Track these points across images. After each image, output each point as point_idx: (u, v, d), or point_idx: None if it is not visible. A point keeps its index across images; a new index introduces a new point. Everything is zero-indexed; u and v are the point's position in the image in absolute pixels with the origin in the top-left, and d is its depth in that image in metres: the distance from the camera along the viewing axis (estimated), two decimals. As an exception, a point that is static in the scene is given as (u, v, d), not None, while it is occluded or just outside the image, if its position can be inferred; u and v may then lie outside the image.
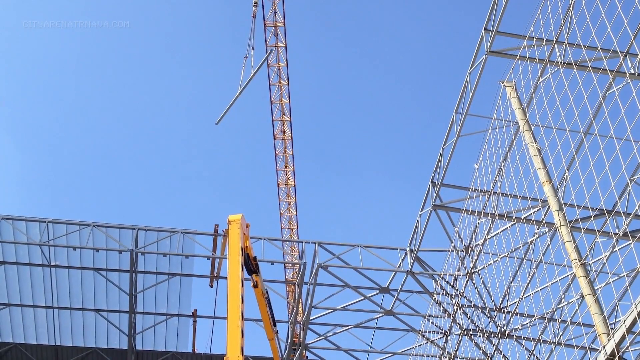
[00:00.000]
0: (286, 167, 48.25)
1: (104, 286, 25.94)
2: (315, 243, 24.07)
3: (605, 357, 6.86)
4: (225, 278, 20.42)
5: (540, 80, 16.09)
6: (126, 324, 25.82)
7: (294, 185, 48.52)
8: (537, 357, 22.50)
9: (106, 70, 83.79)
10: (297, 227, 49.01)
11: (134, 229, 24.12)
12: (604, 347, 6.98)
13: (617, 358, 6.59)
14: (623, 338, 6.60)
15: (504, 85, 10.04)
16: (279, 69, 43.26)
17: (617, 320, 7.13)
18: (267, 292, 21.34)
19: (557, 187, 8.66)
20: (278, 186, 48.61)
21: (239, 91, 40.38)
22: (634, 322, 6.54)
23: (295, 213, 48.79)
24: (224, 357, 15.27)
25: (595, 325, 7.11)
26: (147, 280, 25.48)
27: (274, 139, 47.00)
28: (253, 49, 40.49)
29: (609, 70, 15.47)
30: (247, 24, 41.05)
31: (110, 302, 26.33)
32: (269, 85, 43.90)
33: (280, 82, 43.63)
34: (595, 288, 8.33)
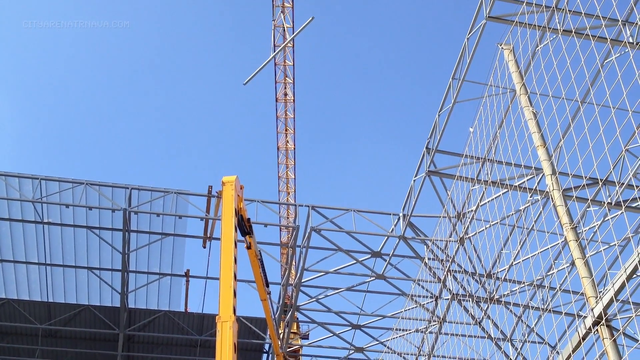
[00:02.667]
0: (286, 130, 48.18)
1: (97, 244, 26.01)
2: (309, 206, 24.12)
3: (593, 319, 6.94)
4: (218, 239, 20.50)
5: (538, 47, 15.98)
6: (119, 282, 25.97)
7: (294, 148, 48.54)
8: (525, 323, 22.81)
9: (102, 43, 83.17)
10: (295, 191, 49.18)
11: (127, 188, 24.08)
12: (591, 309, 7.05)
13: (604, 321, 6.68)
14: (611, 302, 6.67)
15: (502, 48, 9.97)
16: (284, 30, 42.99)
17: (606, 288, 7.24)
18: (260, 253, 21.44)
19: (552, 153, 8.66)
20: (277, 149, 48.62)
21: (271, 55, 40.77)
22: (622, 286, 6.61)
23: (293, 176, 48.90)
24: (216, 317, 15.37)
25: (584, 288, 7.18)
26: (140, 240, 25.54)
27: (276, 101, 46.84)
28: (282, 12, 40.85)
29: (608, 39, 15.37)
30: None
31: (103, 261, 26.43)
32: (273, 47, 43.58)
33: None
34: (586, 255, 8.38)
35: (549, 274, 22.11)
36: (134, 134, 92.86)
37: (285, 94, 46.49)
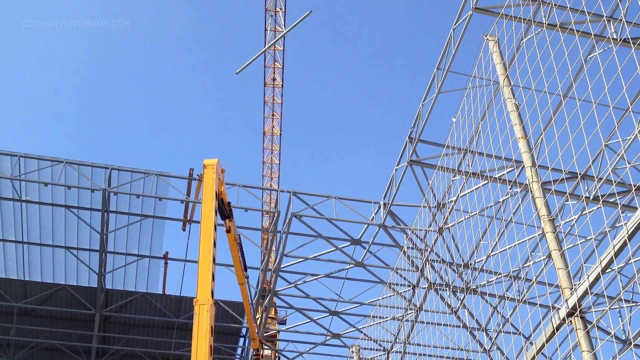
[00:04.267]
0: (273, 115, 48.08)
1: (75, 224, 25.82)
2: (290, 192, 24.12)
3: (567, 310, 7.03)
4: (198, 222, 20.44)
5: (523, 40, 16.05)
6: (96, 263, 25.84)
7: (280, 134, 48.48)
8: (500, 313, 23.06)
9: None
10: (279, 177, 49.20)
11: (107, 168, 23.90)
12: (566, 301, 7.14)
13: (578, 312, 6.76)
14: (585, 293, 6.76)
15: (487, 39, 10.00)
16: (276, 14, 42.84)
17: (581, 280, 7.33)
18: (239, 237, 21.42)
19: (533, 146, 8.72)
20: (264, 134, 48.55)
21: (265, 47, 40.84)
22: (597, 279, 6.70)
23: (277, 162, 48.89)
24: (194, 300, 15.35)
25: (560, 279, 7.27)
26: (118, 221, 25.40)
27: (264, 85, 46.68)
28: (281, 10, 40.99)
29: (592, 34, 15.47)
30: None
31: (81, 240, 26.26)
32: (265, 30, 43.43)
33: (275, 28, 43.19)
34: (562, 247, 8.47)
35: (525, 265, 22.35)
36: (117, 114, 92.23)
37: (274, 79, 46.32)
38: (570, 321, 6.97)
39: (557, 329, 7.16)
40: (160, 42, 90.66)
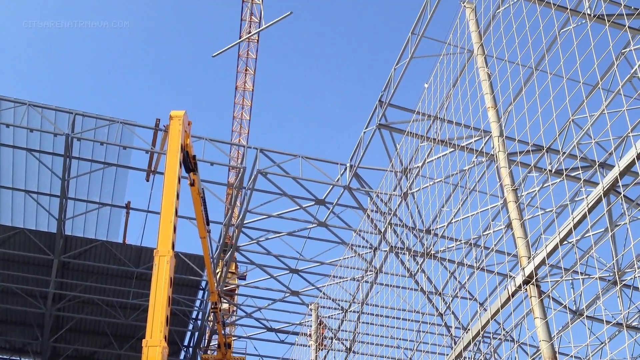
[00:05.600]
0: (246, 70, 47.43)
1: (36, 168, 25.36)
2: (257, 149, 23.96)
3: (523, 278, 7.17)
4: (162, 173, 20.26)
5: (499, 9, 16.02)
6: (56, 208, 25.47)
7: (252, 89, 47.97)
8: (457, 279, 23.52)
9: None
10: (248, 133, 48.87)
11: (72, 113, 23.38)
12: (522, 269, 7.28)
13: (534, 280, 6.90)
14: (543, 262, 6.89)
15: (464, 6, 9.95)
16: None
17: (538, 250, 7.48)
18: (203, 191, 21.31)
19: (501, 116, 8.76)
20: (235, 88, 47.96)
21: (245, 36, 40.39)
22: (555, 248, 6.82)
23: (248, 118, 48.48)
24: (154, 251, 15.30)
25: (518, 248, 7.39)
26: (81, 167, 25.00)
27: (239, 38, 45.90)
28: None
29: (568, 8, 15.51)
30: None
31: (41, 185, 25.83)
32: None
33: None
34: (523, 217, 8.59)
35: (485, 234, 22.74)
36: (87, 59, 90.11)
37: (249, 32, 45.58)
38: (526, 289, 7.11)
39: (513, 295, 7.31)
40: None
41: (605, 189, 6.31)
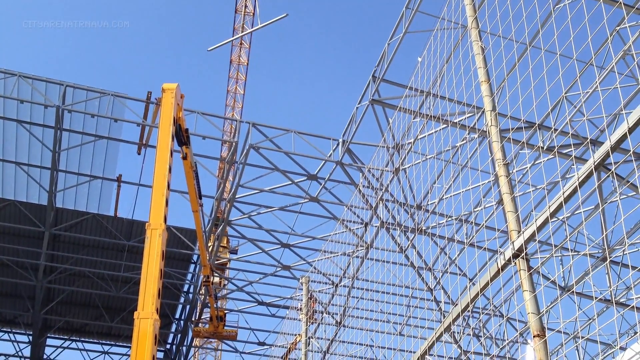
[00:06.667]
0: (241, 44, 47.08)
1: (27, 140, 25.18)
2: (249, 123, 23.87)
3: (513, 252, 7.21)
4: (153, 147, 20.18)
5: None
6: (47, 181, 25.37)
7: (247, 63, 47.69)
8: (447, 255, 23.68)
9: None
10: (242, 107, 48.71)
11: (62, 84, 23.18)
12: (512, 242, 7.32)
13: (524, 254, 6.95)
14: (533, 236, 6.93)
15: (460, -21, 9.91)
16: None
17: (529, 224, 7.52)
18: (195, 165, 21.27)
19: (494, 91, 8.74)
20: (230, 62, 47.67)
21: (242, 33, 40.17)
22: (545, 222, 6.86)
23: (242, 92, 48.29)
24: (146, 224, 15.32)
25: (508, 222, 7.43)
26: (72, 140, 24.85)
27: (235, 12, 45.50)
28: None
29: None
30: None
31: (32, 157, 25.66)
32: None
33: None
34: (515, 193, 8.63)
35: (475, 210, 22.84)
36: (78, 31, 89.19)
37: (245, 5, 45.15)
38: (515, 262, 7.17)
39: (502, 269, 7.36)
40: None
41: (596, 163, 6.33)
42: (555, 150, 18.49)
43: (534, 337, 6.64)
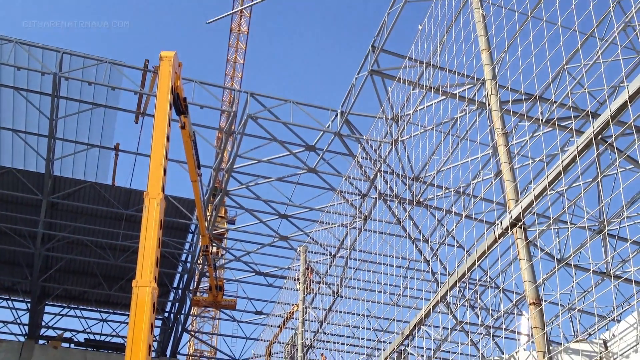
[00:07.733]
0: (241, 12, 46.64)
1: (24, 107, 25.05)
2: (247, 93, 23.74)
3: (510, 220, 7.22)
4: (151, 116, 20.08)
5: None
6: (44, 148, 25.29)
7: (247, 32, 47.25)
8: (444, 227, 23.74)
9: None
10: (242, 77, 48.42)
11: (59, 51, 22.98)
12: (510, 211, 7.33)
13: (521, 223, 6.96)
14: (530, 204, 6.93)
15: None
16: None
17: (527, 193, 7.53)
18: (194, 134, 21.20)
19: (495, 60, 8.67)
20: (230, 30, 47.26)
21: (241, 6, 39.73)
22: (543, 191, 6.85)
23: (242, 61, 47.94)
24: (144, 193, 15.28)
25: (506, 191, 7.42)
26: (69, 107, 24.72)
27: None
28: None
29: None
30: None
31: (29, 124, 25.55)
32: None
33: None
34: (513, 164, 8.61)
35: (473, 182, 22.85)
36: (78, 31, 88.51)
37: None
38: (512, 231, 7.18)
39: (499, 237, 7.37)
40: None
41: (595, 132, 6.30)
42: (555, 121, 18.42)
43: (530, 305, 6.67)
